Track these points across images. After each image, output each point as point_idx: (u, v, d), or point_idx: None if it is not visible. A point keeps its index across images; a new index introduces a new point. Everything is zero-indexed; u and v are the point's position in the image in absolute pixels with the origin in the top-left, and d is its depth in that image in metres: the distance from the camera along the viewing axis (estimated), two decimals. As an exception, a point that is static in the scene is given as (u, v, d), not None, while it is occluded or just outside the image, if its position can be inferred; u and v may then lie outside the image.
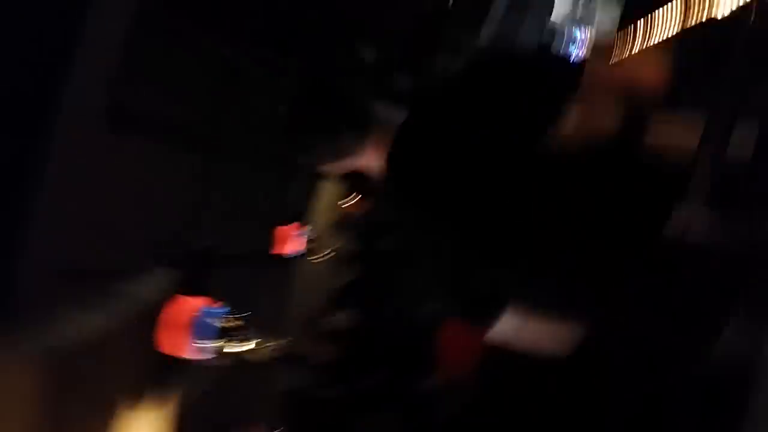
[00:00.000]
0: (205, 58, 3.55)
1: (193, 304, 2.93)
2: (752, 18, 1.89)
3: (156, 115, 3.26)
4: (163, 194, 3.42)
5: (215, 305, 2.95)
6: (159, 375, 2.99)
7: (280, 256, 4.40)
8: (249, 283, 4.37)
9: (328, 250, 4.83)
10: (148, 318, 2.95)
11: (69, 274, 2.84)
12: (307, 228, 4.67)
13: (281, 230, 4.44)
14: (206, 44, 3.53)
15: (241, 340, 2.98)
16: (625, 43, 5.60)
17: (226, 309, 2.97)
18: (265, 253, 4.37)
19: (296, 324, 4.33)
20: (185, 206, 3.61)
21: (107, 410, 2.91)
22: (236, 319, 2.98)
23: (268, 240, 4.38)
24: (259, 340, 3.05)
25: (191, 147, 3.60)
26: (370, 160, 2.16)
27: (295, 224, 4.53)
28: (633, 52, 5.07)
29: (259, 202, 4.27)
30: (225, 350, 2.92)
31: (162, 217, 3.43)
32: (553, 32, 9.18)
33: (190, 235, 3.57)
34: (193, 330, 2.88)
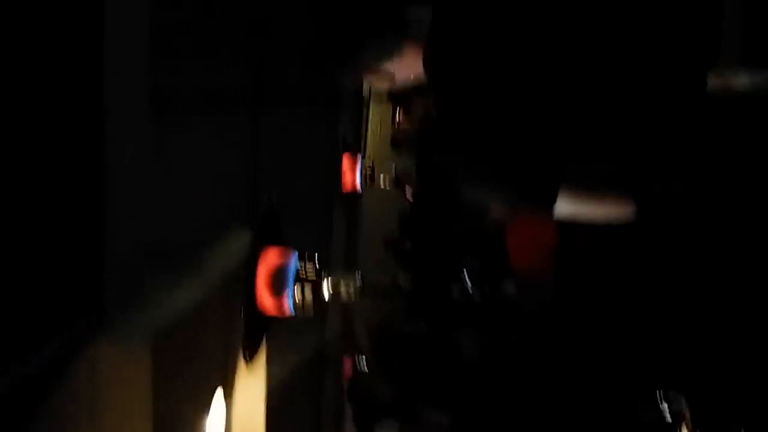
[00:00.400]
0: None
1: (270, 254, 3.06)
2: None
3: (198, 85, 3.36)
4: (223, 160, 3.54)
5: (289, 252, 3.07)
6: (255, 334, 3.13)
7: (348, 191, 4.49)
8: (316, 225, 4.50)
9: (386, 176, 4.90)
10: (236, 280, 3.09)
11: (153, 251, 2.98)
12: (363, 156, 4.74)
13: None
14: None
15: (319, 283, 3.11)
16: None
17: (300, 255, 3.08)
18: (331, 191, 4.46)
19: (369, 254, 4.44)
20: (244, 163, 3.72)
21: (211, 380, 3.04)
22: (310, 262, 3.09)
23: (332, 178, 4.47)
24: (336, 278, 3.17)
25: (235, 107, 3.69)
26: (410, 66, 2.10)
27: (351, 155, 4.61)
28: None
29: (312, 143, 4.34)
30: (307, 298, 3.06)
31: (228, 182, 3.56)
32: None
33: (255, 190, 3.68)
34: (274, 282, 3.02)
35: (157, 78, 2.98)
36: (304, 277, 3.07)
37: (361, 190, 4.75)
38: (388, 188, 5.06)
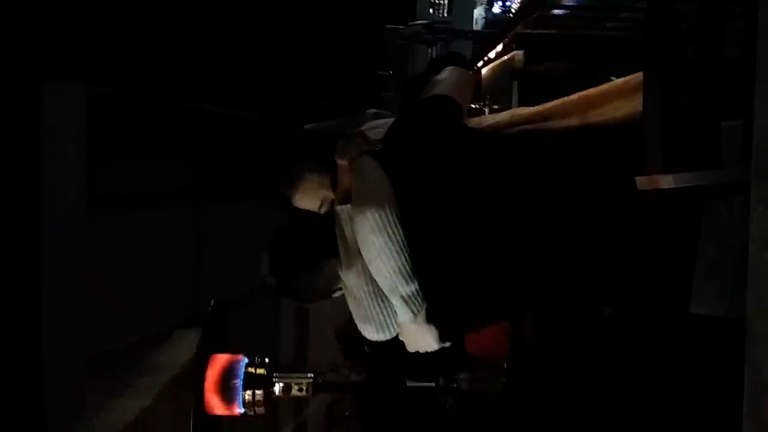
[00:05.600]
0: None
1: (218, 361, 2.98)
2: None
3: (138, 187, 3.32)
4: (165, 259, 3.48)
5: (238, 357, 2.99)
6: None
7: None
8: (264, 319, 4.42)
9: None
10: (182, 384, 3.00)
11: (95, 357, 2.88)
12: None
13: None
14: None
15: (270, 384, 3.02)
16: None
17: (250, 358, 3.00)
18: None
19: (320, 345, 4.37)
20: (188, 264, 3.66)
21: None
22: (260, 365, 3.01)
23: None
24: (287, 379, 3.09)
25: (176, 206, 3.65)
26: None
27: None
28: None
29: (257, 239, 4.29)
30: (258, 399, 2.96)
31: (170, 282, 3.49)
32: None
33: (201, 291, 3.62)
34: (223, 386, 2.93)
35: (95, 182, 2.93)
36: (255, 380, 2.98)
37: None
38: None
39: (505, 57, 3.64)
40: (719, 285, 1.42)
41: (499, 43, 3.62)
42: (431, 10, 9.35)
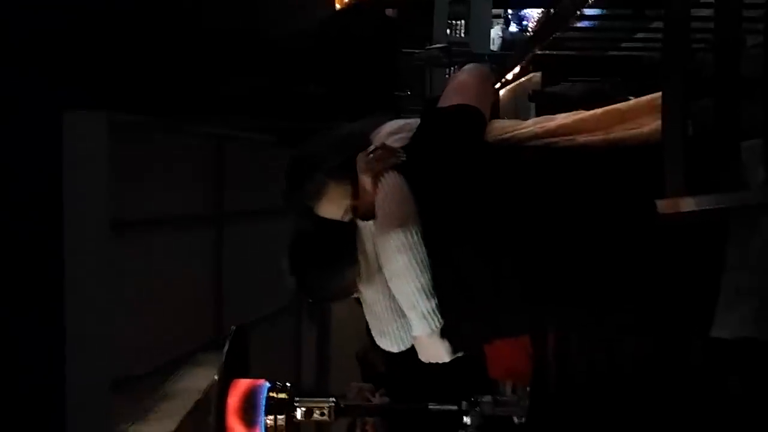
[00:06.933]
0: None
1: (240, 386, 2.98)
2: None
3: (161, 211, 3.34)
4: (187, 283, 3.49)
5: (260, 382, 2.99)
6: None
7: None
8: (286, 340, 4.42)
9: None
10: (204, 409, 3.00)
11: (120, 383, 2.89)
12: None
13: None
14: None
15: (292, 409, 3.02)
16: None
17: (271, 383, 3.00)
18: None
19: (341, 367, 4.36)
20: (209, 287, 3.68)
21: None
22: (282, 389, 3.02)
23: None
24: (309, 403, 3.09)
25: (198, 228, 3.67)
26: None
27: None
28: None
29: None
30: (280, 423, 2.97)
31: (192, 305, 3.50)
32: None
33: (223, 313, 3.63)
34: (245, 411, 2.93)
35: (117, 207, 2.96)
36: (277, 405, 2.98)
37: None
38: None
39: (522, 79, 3.66)
40: (744, 309, 1.41)
41: (516, 66, 3.64)
42: (448, 31, 9.36)
